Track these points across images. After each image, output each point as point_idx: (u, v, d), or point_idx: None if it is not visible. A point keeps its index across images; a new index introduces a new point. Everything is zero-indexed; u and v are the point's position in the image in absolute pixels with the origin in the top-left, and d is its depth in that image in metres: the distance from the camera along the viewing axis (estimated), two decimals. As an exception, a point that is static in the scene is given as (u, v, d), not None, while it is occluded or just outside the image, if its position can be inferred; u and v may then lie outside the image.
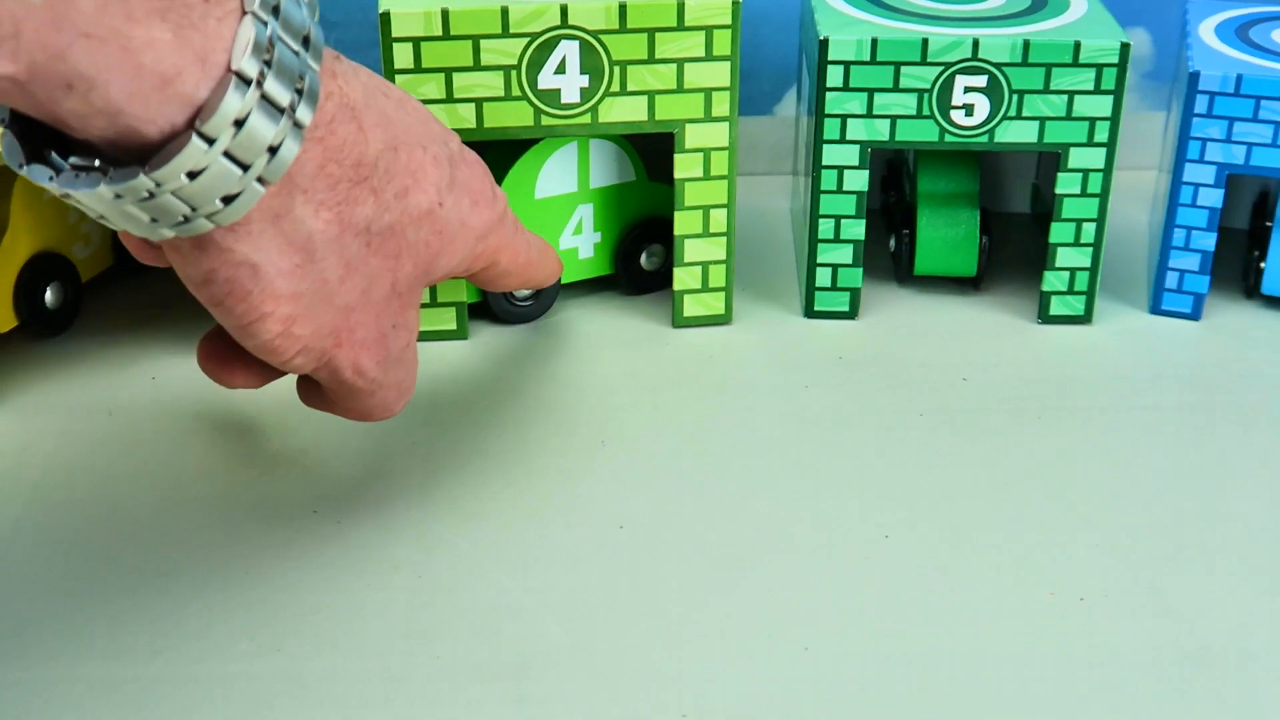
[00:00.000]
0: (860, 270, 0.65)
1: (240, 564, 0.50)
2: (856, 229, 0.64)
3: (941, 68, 0.61)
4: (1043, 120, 0.61)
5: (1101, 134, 0.62)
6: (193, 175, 0.38)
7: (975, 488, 0.55)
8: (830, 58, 0.61)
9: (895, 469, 0.55)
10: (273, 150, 0.39)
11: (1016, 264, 0.70)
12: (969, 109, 0.61)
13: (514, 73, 0.59)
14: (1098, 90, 0.61)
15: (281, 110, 0.39)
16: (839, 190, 0.63)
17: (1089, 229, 0.64)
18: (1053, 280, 0.65)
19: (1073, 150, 0.62)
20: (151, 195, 0.38)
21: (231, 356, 0.47)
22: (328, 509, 0.52)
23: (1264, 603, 0.49)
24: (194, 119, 0.37)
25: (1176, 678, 0.46)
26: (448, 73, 0.59)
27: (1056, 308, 0.65)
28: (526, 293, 0.64)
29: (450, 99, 0.59)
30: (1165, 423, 0.59)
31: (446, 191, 0.47)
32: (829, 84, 0.61)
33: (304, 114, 0.39)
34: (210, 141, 0.37)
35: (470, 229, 0.49)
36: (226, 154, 0.38)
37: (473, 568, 0.50)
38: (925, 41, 0.60)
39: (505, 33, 0.58)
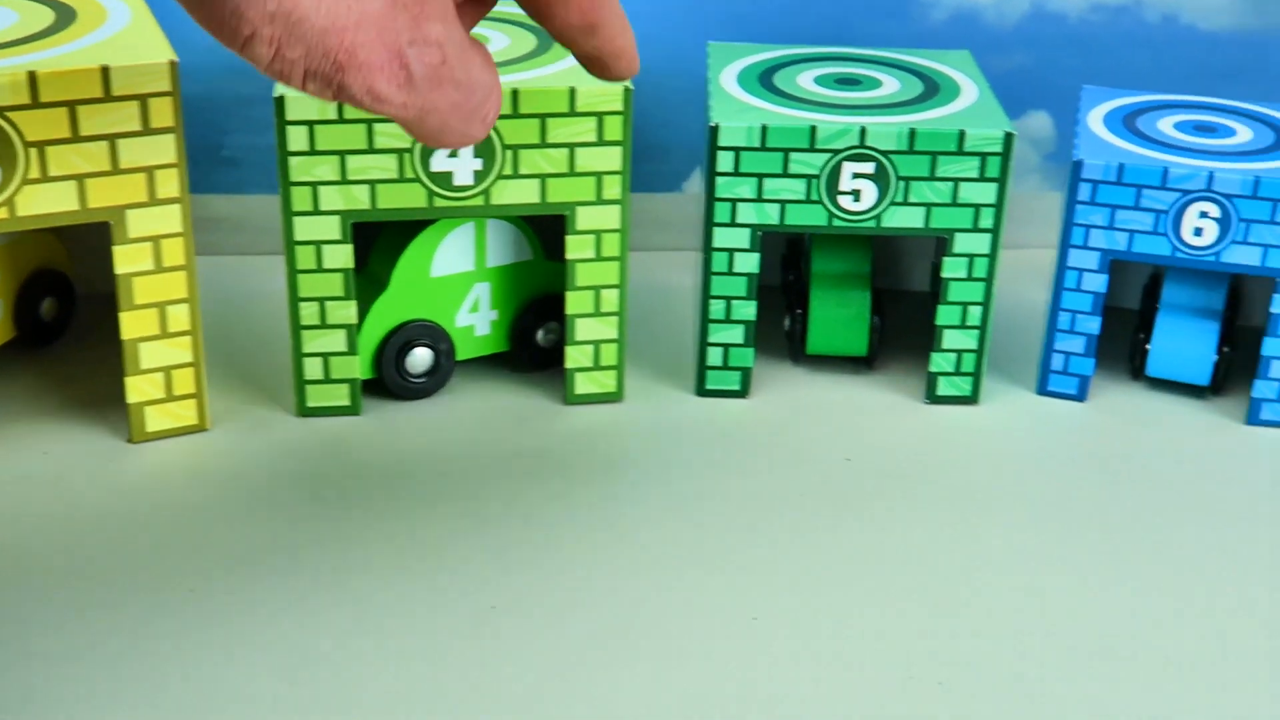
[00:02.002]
0: (751, 350, 0.66)
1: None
2: (747, 310, 0.65)
3: (830, 154, 0.62)
4: (929, 206, 0.63)
5: (986, 220, 0.63)
6: None
7: (846, 570, 0.55)
8: (720, 143, 0.62)
9: (769, 550, 0.56)
10: None
11: (913, 343, 0.71)
12: (856, 194, 0.63)
13: (407, 155, 0.60)
14: (982, 178, 0.62)
15: None
16: (729, 272, 0.64)
17: (975, 312, 0.65)
18: (940, 362, 0.66)
19: (958, 235, 0.63)
20: None
21: None
22: (197, 579, 0.53)
23: (1126, 692, 0.50)
24: None
25: (1027, 765, 0.46)
26: (341, 155, 0.59)
27: (944, 388, 0.66)
28: (421, 369, 0.65)
29: (344, 181, 0.60)
30: (1045, 504, 0.60)
31: None
32: (719, 169, 0.62)
33: None
34: None
35: None
36: None
37: (339, 644, 0.50)
38: (814, 129, 0.62)
39: (397, 116, 0.59)
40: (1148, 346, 0.67)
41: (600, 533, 0.57)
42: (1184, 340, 0.67)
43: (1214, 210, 0.62)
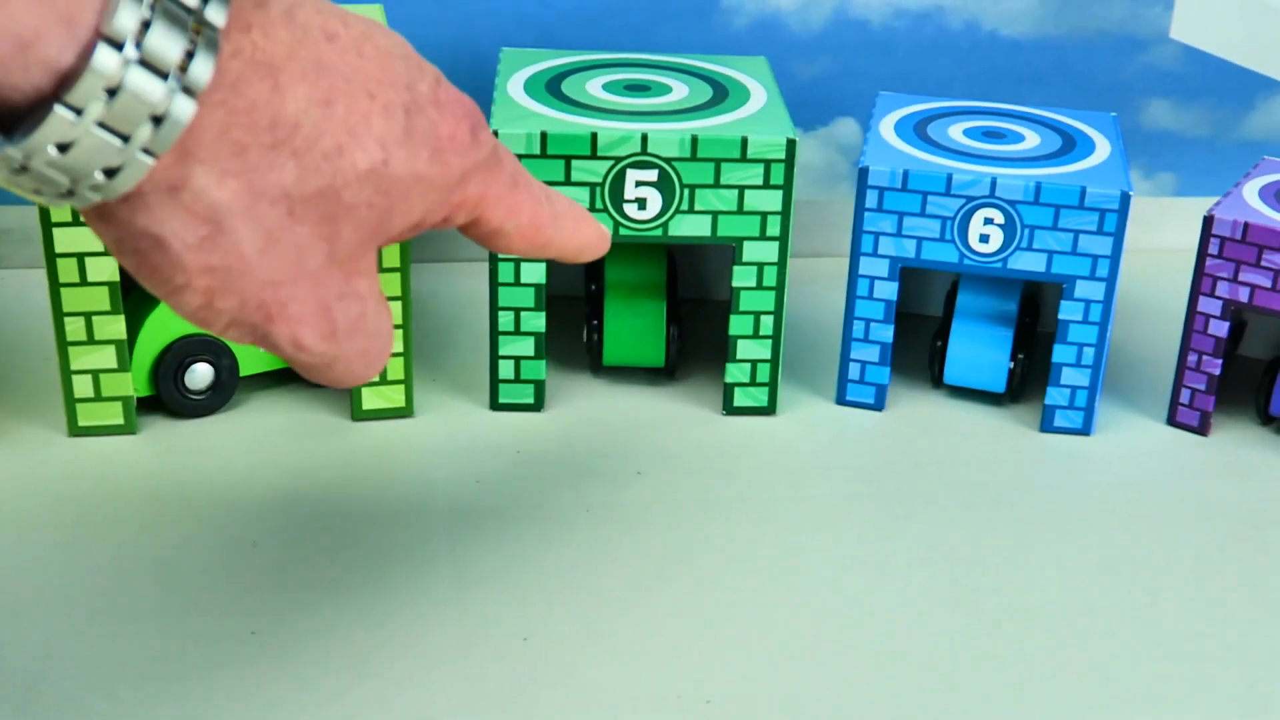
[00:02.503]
0: (543, 363, 0.65)
1: None
2: (536, 321, 0.64)
3: (612, 161, 0.61)
4: (715, 214, 0.62)
5: (773, 228, 0.62)
6: (63, 148, 0.35)
7: (624, 585, 0.54)
8: (501, 151, 0.61)
9: (548, 567, 0.55)
10: (158, 119, 0.36)
11: (716, 354, 0.70)
12: (641, 202, 0.62)
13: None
14: (767, 185, 0.62)
15: (167, 73, 0.35)
16: (517, 283, 0.63)
17: (767, 321, 0.64)
18: (735, 372, 0.65)
19: (746, 244, 0.63)
20: (24, 168, 0.35)
21: None
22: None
23: (926, 699, 0.49)
24: (59, 87, 0.34)
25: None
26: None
27: (740, 399, 0.66)
28: (202, 385, 0.63)
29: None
30: (836, 513, 0.59)
31: (396, 146, 0.41)
32: (501, 177, 0.61)
33: (198, 75, 0.36)
34: (78, 111, 0.34)
35: (430, 182, 0.43)
36: (101, 124, 0.35)
37: (104, 666, 0.48)
38: (595, 135, 0.61)
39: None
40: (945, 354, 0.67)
41: (376, 552, 0.55)
42: (979, 348, 0.66)
43: (998, 216, 0.62)
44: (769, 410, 0.66)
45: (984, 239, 0.63)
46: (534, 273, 0.63)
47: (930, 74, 0.78)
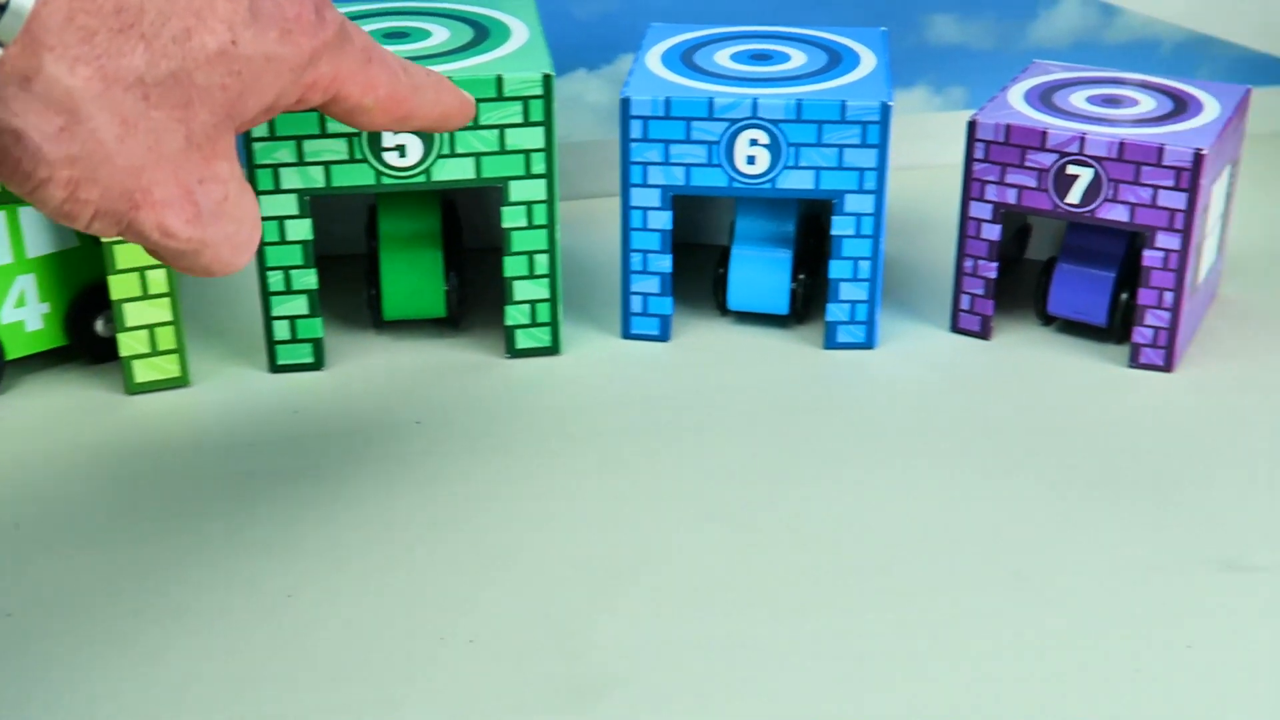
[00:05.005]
0: (319, 320, 0.64)
1: None
2: (308, 278, 0.63)
3: (366, 110, 0.60)
4: (477, 156, 0.61)
5: (538, 166, 0.62)
6: None
7: (394, 534, 0.54)
8: (250, 107, 0.59)
9: (317, 523, 0.54)
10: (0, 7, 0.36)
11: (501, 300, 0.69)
12: (402, 150, 0.61)
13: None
14: (527, 123, 0.61)
15: None
16: (283, 241, 0.62)
17: (542, 260, 0.64)
18: (514, 314, 0.65)
19: (512, 184, 0.62)
20: None
21: None
22: None
23: (690, 631, 0.49)
24: None
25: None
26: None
27: (523, 341, 0.65)
28: (-33, 370, 0.61)
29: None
30: (620, 446, 0.59)
31: (243, 27, 0.42)
32: (254, 133, 0.60)
33: None
34: None
35: (281, 62, 0.43)
36: None
37: None
38: (346, 84, 0.59)
39: None
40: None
41: (154, 520, 0.54)
42: (759, 271, 0.66)
43: (763, 137, 0.62)
44: (553, 350, 0.65)
45: (751, 160, 0.63)
46: (300, 229, 0.62)
47: (714, 4, 0.78)
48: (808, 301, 0.68)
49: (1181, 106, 0.64)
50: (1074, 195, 0.62)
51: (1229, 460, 0.58)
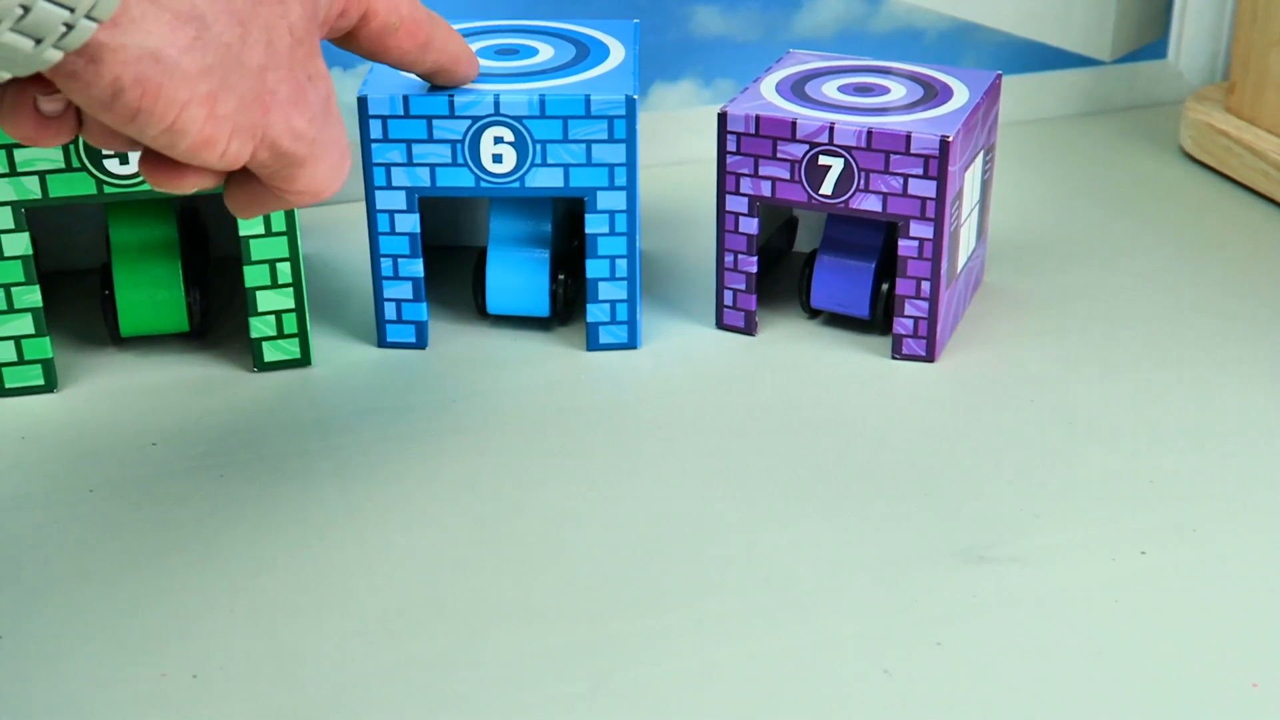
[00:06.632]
0: (47, 339, 0.60)
1: None
2: (30, 296, 0.59)
3: (84, 116, 0.57)
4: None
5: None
6: None
7: (118, 565, 0.50)
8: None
9: (44, 554, 0.51)
10: None
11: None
12: (123, 156, 0.57)
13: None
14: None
15: None
16: (0, 258, 0.58)
17: (284, 269, 0.61)
18: (259, 326, 0.62)
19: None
20: (26, 10, 0.36)
21: (176, 162, 0.43)
22: None
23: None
24: None
25: None
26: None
27: (270, 354, 0.62)
28: None
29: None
30: (370, 458, 0.56)
31: None
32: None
33: None
34: None
35: None
36: None
37: None
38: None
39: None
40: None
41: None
42: (517, 273, 0.64)
43: (508, 134, 0.60)
44: (304, 362, 0.63)
45: (498, 159, 0.61)
46: (18, 244, 0.58)
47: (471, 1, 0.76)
48: (571, 303, 0.66)
49: (931, 94, 0.63)
50: (827, 186, 0.61)
51: (981, 451, 0.57)
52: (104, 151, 0.57)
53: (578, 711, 0.44)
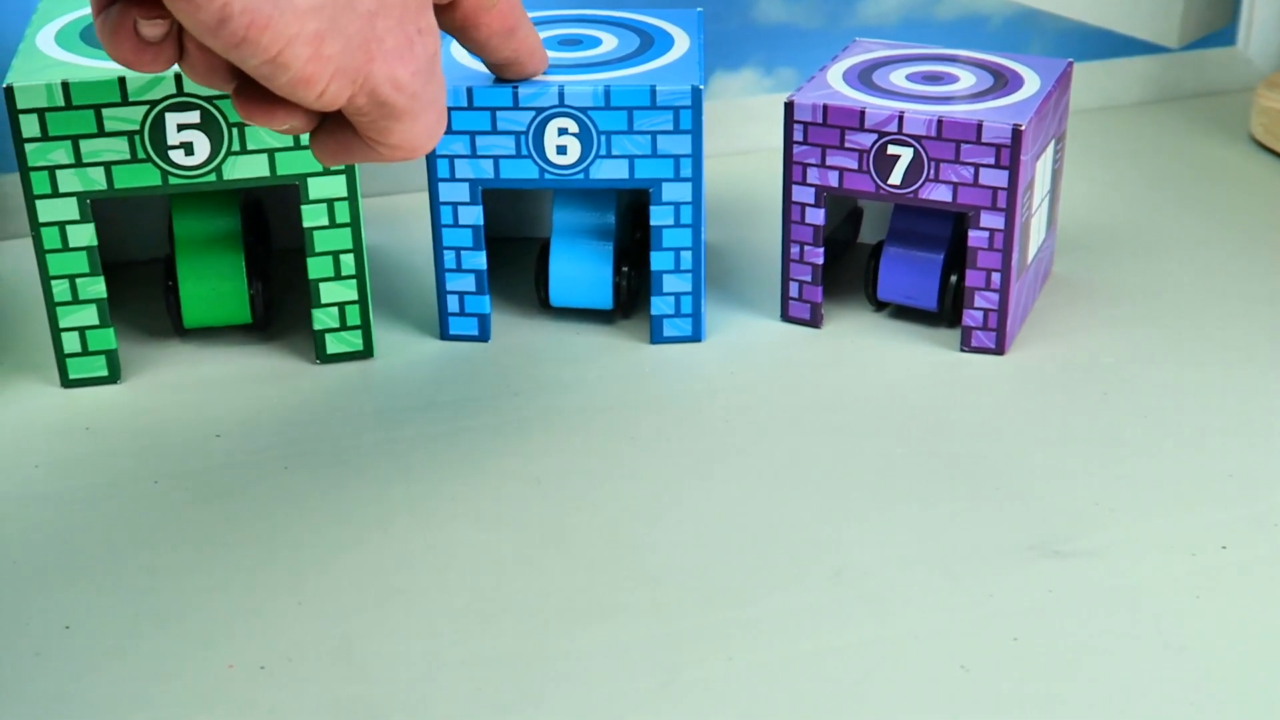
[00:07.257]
0: (111, 330, 0.60)
1: None
2: (96, 287, 0.59)
3: (148, 106, 0.56)
4: (271, 153, 0.58)
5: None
6: None
7: (183, 556, 0.50)
8: (20, 107, 0.56)
9: (107, 546, 0.51)
10: None
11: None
12: (189, 147, 0.57)
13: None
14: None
15: None
16: (65, 248, 0.58)
17: (348, 261, 0.60)
18: (323, 318, 0.61)
19: (310, 181, 0.59)
20: None
21: (271, 97, 0.43)
22: None
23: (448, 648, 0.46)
24: None
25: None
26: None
27: (333, 346, 0.62)
28: None
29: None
30: (434, 452, 0.56)
31: None
32: (26, 134, 0.56)
33: None
34: None
35: None
36: None
37: None
38: (123, 80, 0.56)
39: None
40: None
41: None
42: (581, 265, 0.64)
43: (573, 126, 0.59)
44: (366, 354, 0.62)
45: (561, 150, 0.60)
46: (83, 235, 0.58)
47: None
48: (634, 295, 0.65)
49: (1002, 82, 0.62)
50: (895, 176, 0.60)
51: (1053, 444, 0.56)
52: (169, 143, 0.57)
53: (648, 708, 0.44)
